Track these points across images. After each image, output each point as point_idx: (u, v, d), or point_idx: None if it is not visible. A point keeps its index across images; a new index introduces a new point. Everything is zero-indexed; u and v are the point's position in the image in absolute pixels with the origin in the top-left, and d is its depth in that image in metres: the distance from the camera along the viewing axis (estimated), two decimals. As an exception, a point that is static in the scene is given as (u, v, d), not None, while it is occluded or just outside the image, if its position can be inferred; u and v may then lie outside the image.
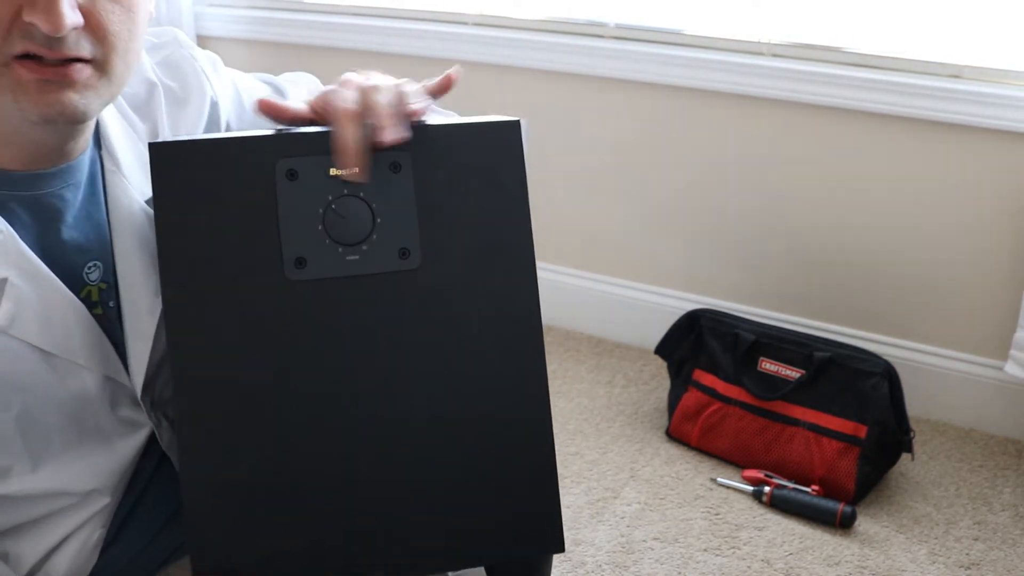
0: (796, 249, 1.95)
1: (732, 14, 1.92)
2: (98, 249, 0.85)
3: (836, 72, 1.79)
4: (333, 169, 0.75)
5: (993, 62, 1.69)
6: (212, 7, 2.41)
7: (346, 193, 0.75)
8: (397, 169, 0.76)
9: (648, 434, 1.83)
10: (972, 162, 1.74)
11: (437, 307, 0.77)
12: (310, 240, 0.75)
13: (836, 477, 1.62)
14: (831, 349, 1.69)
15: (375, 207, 0.76)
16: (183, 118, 0.94)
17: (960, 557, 1.51)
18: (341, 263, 0.75)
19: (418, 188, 0.77)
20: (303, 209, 0.74)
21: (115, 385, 0.87)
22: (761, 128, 1.91)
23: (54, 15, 0.70)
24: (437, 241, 0.77)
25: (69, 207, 0.83)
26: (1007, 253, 1.76)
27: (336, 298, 0.75)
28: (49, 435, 0.83)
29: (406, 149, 0.76)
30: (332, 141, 0.82)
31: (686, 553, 1.51)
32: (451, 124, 0.80)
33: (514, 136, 0.80)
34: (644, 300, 2.13)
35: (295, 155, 0.75)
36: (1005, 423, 1.83)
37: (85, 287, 0.84)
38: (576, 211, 2.15)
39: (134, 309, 0.87)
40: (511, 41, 2.08)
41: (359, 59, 2.27)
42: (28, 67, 0.73)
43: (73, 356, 0.82)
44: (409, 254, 0.76)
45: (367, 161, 0.78)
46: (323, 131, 0.76)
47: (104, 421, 0.87)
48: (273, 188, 0.74)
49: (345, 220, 0.75)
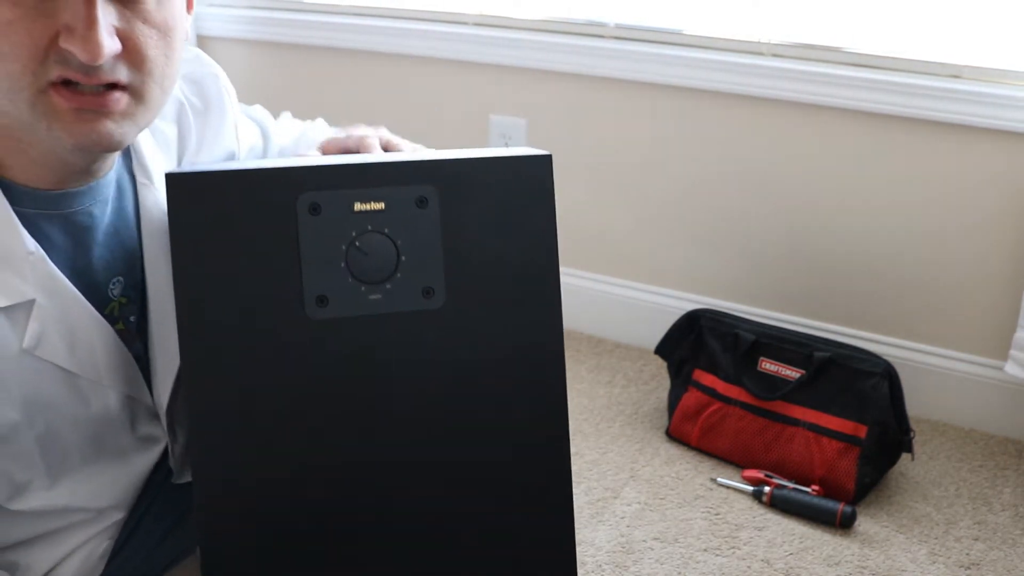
0: (796, 249, 1.95)
1: (732, 14, 1.92)
2: (123, 264, 0.85)
3: (836, 72, 1.79)
4: (358, 203, 0.72)
5: (993, 62, 1.69)
6: (212, 7, 2.41)
7: (370, 229, 0.73)
8: (424, 204, 0.74)
9: (648, 434, 1.83)
10: (972, 162, 1.74)
11: (460, 348, 0.75)
12: (332, 277, 0.72)
13: (836, 477, 1.62)
14: (831, 349, 1.69)
15: (400, 243, 0.73)
16: (206, 130, 0.95)
17: (960, 557, 1.51)
18: (364, 302, 0.73)
19: (445, 224, 0.74)
20: (326, 245, 0.72)
21: (136, 403, 0.87)
22: (761, 128, 1.91)
23: (92, 44, 0.68)
24: (462, 280, 0.75)
25: (98, 224, 0.83)
26: (1007, 253, 1.76)
27: (358, 338, 0.73)
28: (68, 453, 0.83)
29: (433, 183, 0.74)
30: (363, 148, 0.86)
31: (686, 553, 1.51)
32: (480, 158, 0.77)
33: (545, 171, 0.77)
34: (644, 300, 2.13)
35: (318, 189, 0.72)
36: (1005, 423, 1.83)
37: (110, 303, 0.85)
38: (576, 211, 2.15)
39: (161, 324, 0.87)
40: (511, 41, 2.08)
41: (359, 59, 2.27)
42: (64, 95, 0.71)
43: (97, 377, 0.81)
44: (433, 293, 0.74)
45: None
46: (347, 163, 0.73)
47: (123, 439, 0.87)
48: (295, 223, 0.71)
49: (369, 257, 0.73)
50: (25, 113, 0.72)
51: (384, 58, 2.24)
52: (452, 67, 2.17)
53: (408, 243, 0.73)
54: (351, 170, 0.73)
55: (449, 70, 2.18)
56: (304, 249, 0.72)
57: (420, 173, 0.73)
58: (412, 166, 0.73)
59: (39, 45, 0.70)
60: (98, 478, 0.86)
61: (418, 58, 2.20)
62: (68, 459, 0.83)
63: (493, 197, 0.75)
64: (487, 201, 0.75)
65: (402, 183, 0.73)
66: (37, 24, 0.69)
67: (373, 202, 0.73)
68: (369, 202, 0.73)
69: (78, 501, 0.85)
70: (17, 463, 0.80)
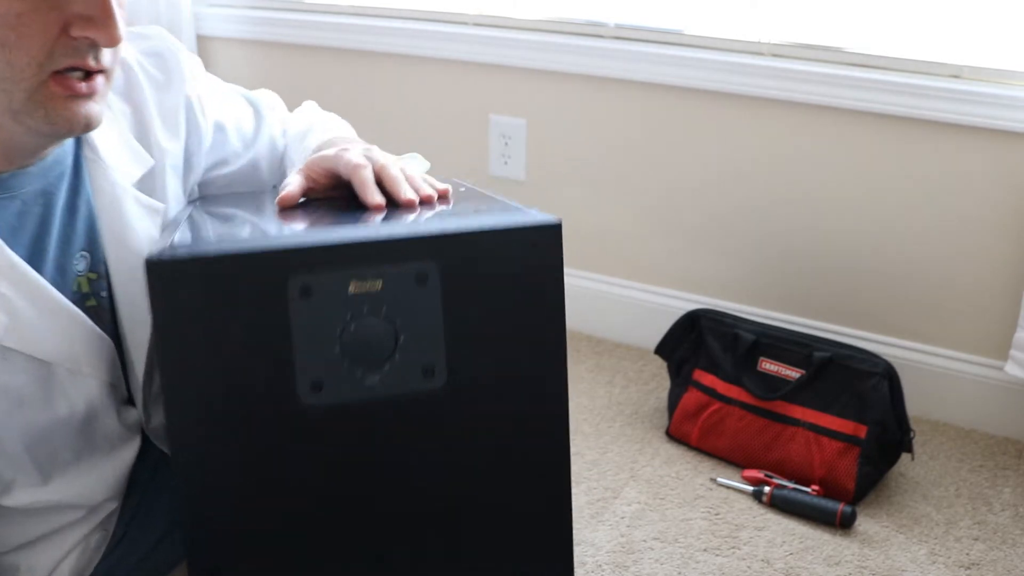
0: (796, 249, 1.95)
1: (732, 14, 1.92)
2: (85, 239, 0.85)
3: (836, 72, 1.79)
4: (353, 284, 0.67)
5: (993, 62, 1.69)
6: (212, 7, 2.41)
7: (367, 311, 0.68)
8: (424, 281, 0.68)
9: (648, 434, 1.83)
10: (972, 162, 1.74)
11: (462, 429, 0.71)
12: (327, 362, 0.68)
13: (836, 477, 1.62)
14: (831, 349, 1.69)
15: (398, 324, 0.68)
16: (166, 102, 0.94)
17: (960, 557, 1.51)
18: (361, 386, 0.69)
19: (446, 301, 0.69)
20: (319, 329, 0.67)
21: (117, 390, 0.86)
22: (761, 128, 1.91)
23: (113, 30, 0.73)
24: (465, 357, 0.70)
25: (55, 201, 0.83)
26: (1007, 253, 1.76)
27: (355, 423, 0.69)
28: (57, 448, 0.82)
29: (434, 259, 0.68)
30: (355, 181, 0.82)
31: (686, 553, 1.51)
32: (484, 230, 0.71)
33: (554, 241, 0.72)
34: (644, 300, 2.13)
35: (309, 270, 0.67)
36: (1005, 423, 1.83)
37: (75, 279, 0.84)
38: (576, 211, 2.15)
39: (127, 295, 0.86)
40: (511, 41, 2.08)
41: (359, 59, 2.27)
42: (63, 84, 0.74)
43: (76, 365, 0.81)
44: (434, 373, 0.70)
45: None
46: (339, 243, 0.68)
47: (111, 428, 0.86)
48: (285, 307, 0.67)
49: (365, 340, 0.68)
50: (18, 102, 0.72)
51: (384, 58, 2.24)
52: (452, 67, 2.17)
53: (407, 322, 0.69)
54: (345, 249, 0.67)
55: (449, 70, 2.18)
56: (296, 333, 0.67)
57: (420, 249, 0.68)
58: (411, 242, 0.68)
59: (49, 36, 0.72)
60: (92, 472, 0.85)
61: (418, 58, 2.20)
62: (59, 455, 0.83)
63: (498, 271, 0.70)
64: (492, 275, 0.70)
65: (400, 260, 0.68)
66: (49, 16, 0.71)
67: (369, 282, 0.68)
68: (365, 283, 0.68)
69: (72, 496, 0.84)
70: (1, 460, 0.79)
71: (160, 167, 0.92)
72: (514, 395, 0.72)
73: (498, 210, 0.76)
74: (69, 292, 0.83)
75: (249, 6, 2.38)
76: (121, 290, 0.86)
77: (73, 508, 0.86)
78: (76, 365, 0.81)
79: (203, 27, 2.43)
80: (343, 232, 0.69)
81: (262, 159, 1.08)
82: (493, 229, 0.71)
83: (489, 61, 2.11)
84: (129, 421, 0.88)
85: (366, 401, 0.69)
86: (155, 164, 0.91)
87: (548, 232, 0.72)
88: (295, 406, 0.68)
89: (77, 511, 0.86)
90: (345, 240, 0.68)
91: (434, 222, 0.72)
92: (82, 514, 0.86)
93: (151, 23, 2.36)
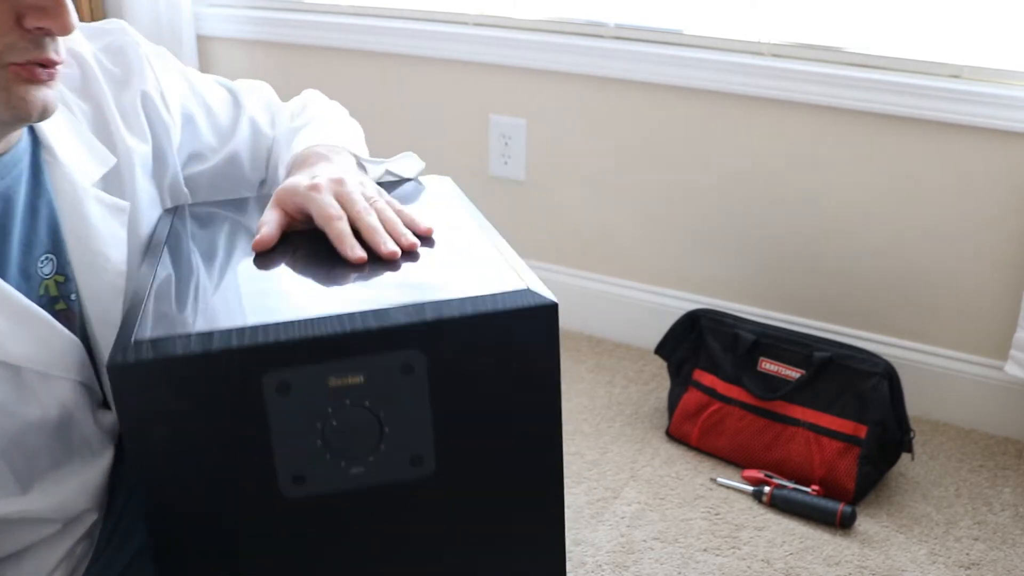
0: (796, 249, 1.95)
1: (732, 14, 1.92)
2: (49, 242, 0.84)
3: (836, 72, 1.79)
4: (333, 379, 0.63)
5: (993, 62, 1.69)
6: (212, 7, 2.41)
7: (349, 404, 0.64)
8: (409, 372, 0.64)
9: (648, 434, 1.83)
10: (972, 162, 1.74)
11: (452, 518, 0.68)
12: (308, 455, 0.64)
13: (836, 477, 1.62)
14: (831, 349, 1.69)
15: (383, 415, 0.65)
16: (126, 99, 0.93)
17: (960, 557, 1.51)
18: (344, 476, 0.65)
19: (434, 390, 0.65)
20: (299, 424, 0.63)
21: (92, 392, 0.85)
22: (761, 128, 1.91)
23: (66, 17, 0.73)
24: (454, 444, 0.66)
25: (13, 203, 0.81)
26: (1007, 253, 1.76)
27: (339, 513, 0.66)
28: (33, 455, 0.81)
29: (420, 347, 0.64)
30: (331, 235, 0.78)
31: (686, 553, 1.51)
32: (475, 314, 0.65)
33: (550, 322, 0.66)
34: (644, 300, 2.13)
35: (285, 365, 0.62)
36: (1005, 423, 1.83)
37: (42, 282, 0.83)
38: (576, 211, 2.15)
39: (93, 301, 0.85)
40: (511, 41, 2.08)
41: (359, 59, 2.27)
42: (24, 71, 0.74)
43: (46, 367, 0.79)
44: (422, 461, 0.66)
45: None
46: (314, 336, 0.63)
47: (88, 432, 0.85)
48: (262, 405, 0.62)
49: (348, 433, 0.64)
50: None
51: (384, 58, 2.24)
52: (452, 67, 2.17)
53: (392, 414, 0.64)
54: (324, 342, 0.62)
55: (449, 70, 2.18)
56: (274, 428, 0.63)
57: (404, 338, 0.63)
58: (395, 331, 0.63)
59: (3, 28, 0.71)
60: (72, 479, 0.84)
61: (418, 58, 2.20)
62: (36, 462, 0.81)
63: (490, 356, 0.65)
64: (482, 361, 0.65)
65: (383, 351, 0.63)
66: (1, 7, 0.71)
67: (350, 376, 0.63)
68: (345, 377, 0.63)
69: (53, 507, 0.82)
70: None
71: (127, 165, 0.90)
72: (507, 477, 0.68)
73: (491, 276, 0.69)
74: (35, 296, 0.81)
75: (249, 6, 2.38)
76: (87, 292, 0.85)
77: (55, 521, 0.84)
78: (45, 367, 0.79)
79: (203, 27, 2.43)
80: (322, 322, 0.63)
81: (242, 151, 1.05)
82: (485, 313, 0.65)
83: (489, 61, 2.11)
84: (106, 424, 0.86)
85: (350, 491, 0.65)
86: (119, 162, 0.89)
87: (543, 313, 0.66)
88: (276, 499, 0.65)
89: (58, 522, 0.84)
90: (323, 333, 0.62)
91: (419, 303, 0.65)
92: (64, 524, 0.85)
93: (151, 23, 2.36)
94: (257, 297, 0.69)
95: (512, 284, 0.67)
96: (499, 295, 0.66)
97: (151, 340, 0.62)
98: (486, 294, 0.66)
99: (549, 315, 0.66)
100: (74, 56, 0.90)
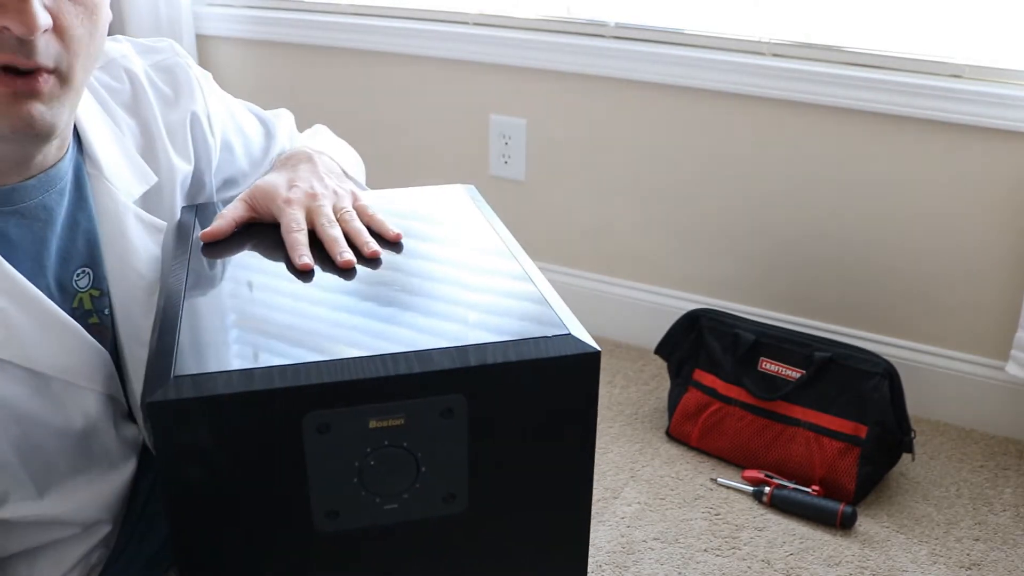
0: (796, 249, 1.95)
1: (732, 14, 1.92)
2: (86, 256, 0.84)
3: (836, 72, 1.79)
4: (373, 420, 0.63)
5: (993, 62, 1.69)
6: (212, 7, 2.41)
7: (387, 444, 0.64)
8: (449, 415, 0.64)
9: (648, 434, 1.83)
10: (972, 162, 1.74)
11: (480, 553, 0.69)
12: (344, 492, 0.65)
13: (836, 477, 1.62)
14: (831, 349, 1.69)
15: (420, 456, 0.65)
16: (174, 118, 0.93)
17: (961, 557, 1.51)
18: (378, 512, 0.66)
19: (472, 433, 0.65)
20: (336, 463, 0.64)
21: (116, 404, 0.86)
22: (761, 128, 1.91)
23: (28, 16, 0.68)
24: (487, 485, 0.67)
25: (54, 216, 0.81)
26: (1007, 253, 1.76)
27: (371, 547, 0.67)
28: (53, 461, 0.81)
29: (462, 392, 0.64)
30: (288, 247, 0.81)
31: (686, 553, 1.51)
32: (519, 361, 0.65)
33: (592, 370, 0.66)
34: (644, 300, 2.13)
35: (327, 407, 0.62)
36: (1005, 423, 1.83)
37: (76, 295, 0.83)
38: (576, 211, 2.15)
39: (126, 316, 0.85)
40: (511, 41, 2.07)
41: (359, 59, 2.27)
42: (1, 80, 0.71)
43: (73, 378, 0.80)
44: (455, 499, 0.67)
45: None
46: (358, 379, 0.63)
47: (110, 443, 0.85)
48: (301, 443, 0.63)
49: (385, 472, 0.65)
50: None
51: (384, 58, 2.24)
52: (452, 67, 2.17)
53: (429, 454, 0.65)
54: (366, 384, 0.62)
55: (449, 70, 2.18)
56: (312, 466, 0.63)
57: (447, 382, 0.63)
58: (437, 376, 0.63)
59: None
60: (88, 488, 0.84)
61: (418, 58, 2.20)
62: (54, 469, 0.81)
63: (528, 400, 0.66)
64: (521, 405, 0.65)
65: (425, 395, 0.63)
66: None
67: (391, 418, 0.63)
68: (386, 419, 0.63)
69: (68, 512, 0.83)
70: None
71: (168, 185, 0.91)
72: (536, 517, 0.69)
73: (532, 316, 0.69)
74: (69, 307, 0.82)
75: (249, 6, 2.38)
76: (120, 307, 0.85)
77: (70, 524, 0.84)
78: (72, 377, 0.80)
79: (203, 27, 2.43)
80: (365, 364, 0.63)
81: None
82: (528, 360, 0.65)
83: (489, 61, 2.11)
84: (128, 437, 0.87)
85: (383, 526, 0.66)
86: (160, 181, 0.90)
87: (586, 361, 0.66)
88: (309, 533, 0.65)
89: (74, 527, 0.85)
90: (367, 376, 0.62)
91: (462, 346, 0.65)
92: (79, 531, 0.85)
93: (151, 23, 2.36)
94: (296, 330, 0.68)
95: (555, 328, 0.67)
96: (541, 340, 0.66)
97: (191, 376, 0.61)
98: (528, 338, 0.66)
99: (591, 363, 0.66)
100: (126, 72, 0.91)
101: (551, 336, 0.66)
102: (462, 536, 0.68)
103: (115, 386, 0.84)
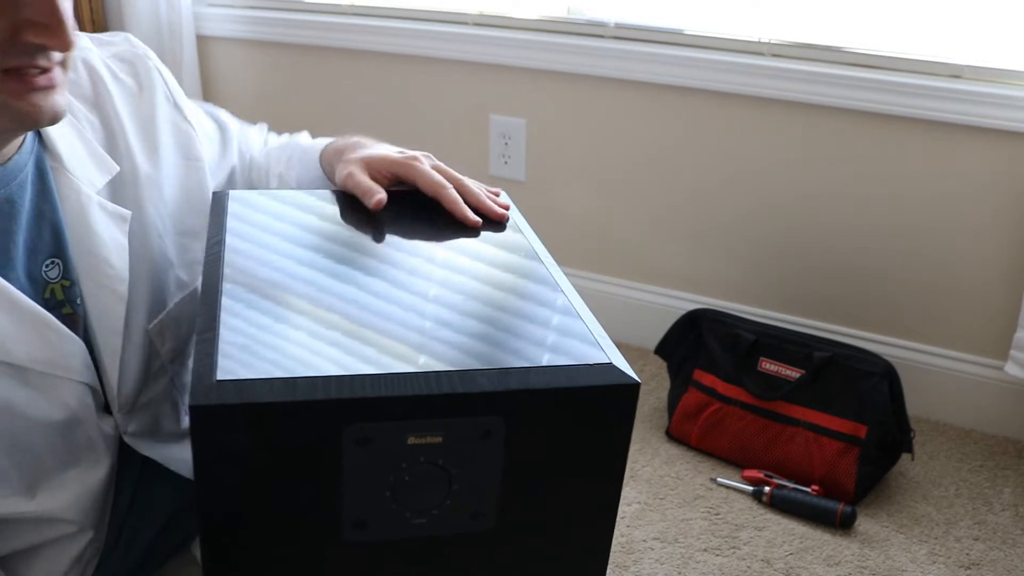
0: (796, 249, 1.95)
1: (732, 14, 1.92)
2: (54, 247, 0.84)
3: (836, 72, 1.79)
4: (412, 436, 0.64)
5: (993, 62, 1.69)
6: (212, 7, 2.41)
7: (423, 460, 0.65)
8: (487, 436, 0.65)
9: (648, 434, 1.83)
10: (972, 162, 1.74)
11: (502, 571, 0.70)
12: (374, 504, 0.65)
13: (836, 477, 1.62)
14: (831, 349, 1.69)
15: (454, 474, 0.66)
16: (135, 108, 0.93)
17: (960, 557, 1.51)
18: (406, 525, 0.66)
19: (508, 454, 0.66)
20: (371, 475, 0.64)
21: (96, 394, 0.85)
22: (761, 128, 1.91)
23: (64, 36, 0.71)
24: (516, 505, 0.68)
25: (18, 208, 0.81)
26: (1007, 253, 1.76)
27: (396, 559, 0.67)
28: (40, 456, 0.81)
29: (502, 415, 0.65)
30: (445, 201, 0.87)
31: (686, 553, 1.51)
32: (558, 387, 0.65)
33: (630, 402, 0.67)
34: (644, 300, 2.13)
35: (369, 420, 0.63)
36: (1005, 423, 1.83)
37: (48, 286, 0.83)
38: (576, 211, 2.15)
39: (98, 303, 0.85)
40: (511, 41, 2.08)
41: (359, 59, 2.27)
42: (19, 79, 0.72)
43: (51, 368, 0.80)
44: (482, 516, 0.68)
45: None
46: (401, 396, 0.63)
47: (94, 435, 0.85)
48: (338, 454, 0.63)
49: (417, 488, 0.65)
50: None
51: (384, 58, 2.24)
52: (452, 67, 2.17)
53: (463, 473, 0.66)
54: (408, 402, 0.63)
55: (449, 70, 2.18)
56: (347, 477, 0.64)
57: (487, 404, 0.64)
58: (480, 398, 0.64)
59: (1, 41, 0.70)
60: (77, 482, 0.84)
61: (418, 58, 2.20)
62: (42, 465, 0.81)
63: (565, 427, 0.67)
64: (557, 430, 0.66)
65: (465, 415, 0.64)
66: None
67: (429, 436, 0.64)
68: (425, 436, 0.64)
69: (59, 510, 0.83)
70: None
71: (130, 174, 0.91)
72: (560, 537, 0.70)
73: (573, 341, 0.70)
74: (40, 299, 0.81)
75: (249, 6, 2.38)
76: (90, 297, 0.85)
77: (62, 522, 0.84)
78: (50, 368, 0.80)
79: (203, 27, 2.43)
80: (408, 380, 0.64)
81: (236, 170, 1.08)
82: (568, 387, 0.65)
83: (489, 61, 2.11)
84: (108, 429, 0.87)
85: (408, 538, 0.67)
86: (123, 171, 0.90)
87: (625, 393, 0.67)
88: (336, 542, 0.66)
89: (66, 525, 0.85)
90: (410, 393, 0.63)
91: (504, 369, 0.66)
92: (73, 529, 0.85)
93: (151, 23, 2.36)
94: (338, 337, 0.69)
95: (596, 356, 0.68)
96: (583, 368, 0.66)
97: (234, 382, 0.62)
98: (570, 365, 0.67)
99: (630, 394, 0.66)
100: (84, 64, 0.90)
101: (593, 364, 0.67)
102: (484, 553, 0.69)
103: (92, 376, 0.84)
